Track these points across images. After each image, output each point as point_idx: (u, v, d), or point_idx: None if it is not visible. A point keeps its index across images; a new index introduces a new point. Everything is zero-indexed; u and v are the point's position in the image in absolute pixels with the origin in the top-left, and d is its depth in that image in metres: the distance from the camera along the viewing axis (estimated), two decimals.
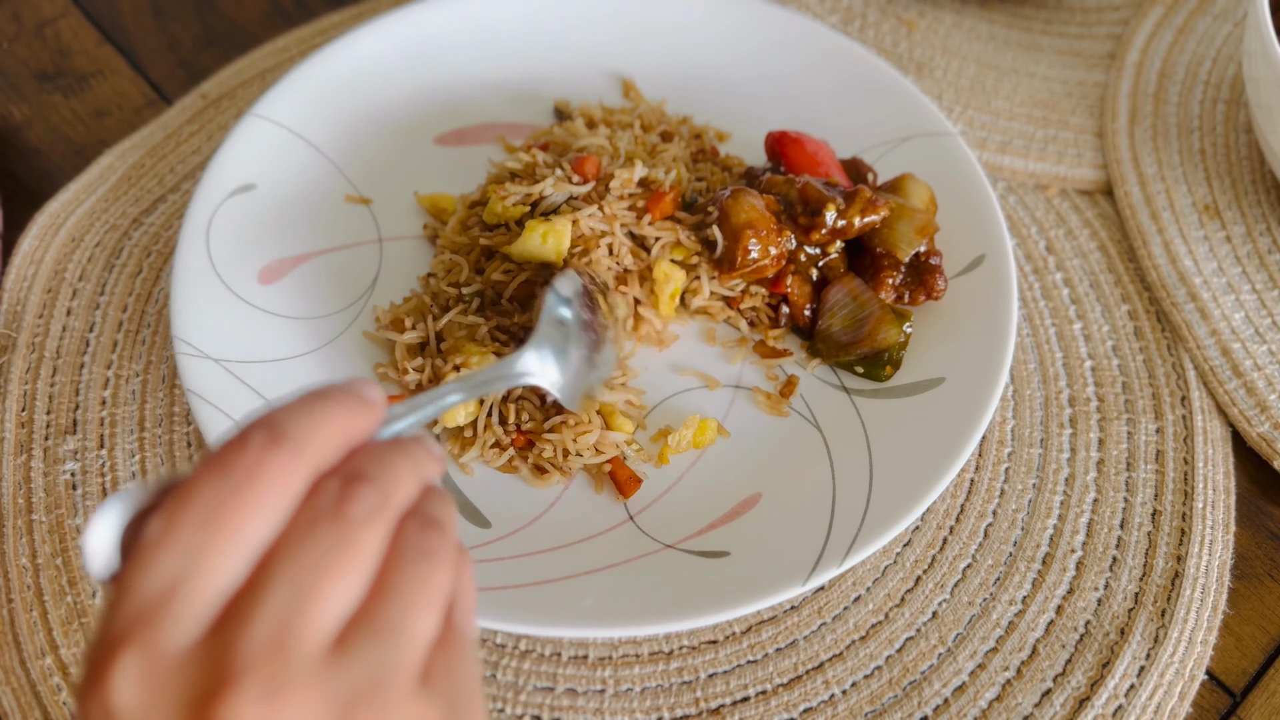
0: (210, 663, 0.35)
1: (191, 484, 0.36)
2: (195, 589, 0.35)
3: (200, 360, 0.68)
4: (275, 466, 0.37)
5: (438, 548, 0.39)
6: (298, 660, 0.35)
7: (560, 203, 0.72)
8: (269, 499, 0.36)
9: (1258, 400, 0.73)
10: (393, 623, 0.37)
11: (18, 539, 0.67)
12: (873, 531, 0.63)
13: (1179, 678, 0.64)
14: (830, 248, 0.72)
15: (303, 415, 0.38)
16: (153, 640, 0.35)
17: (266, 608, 0.35)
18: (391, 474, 0.39)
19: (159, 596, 0.35)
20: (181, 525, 0.36)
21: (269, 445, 0.37)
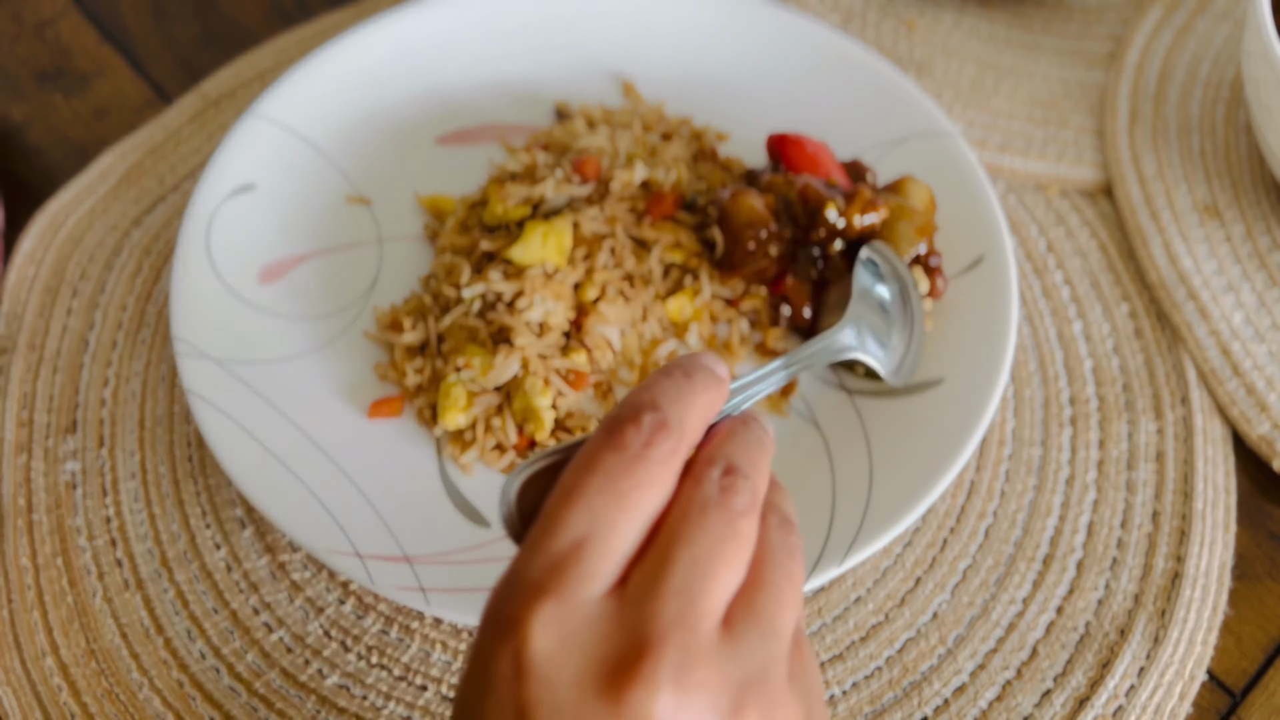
0: (624, 625, 0.37)
1: (590, 453, 0.39)
2: (602, 548, 0.38)
3: (200, 360, 0.68)
4: (664, 447, 0.40)
5: (796, 547, 0.42)
6: (702, 637, 0.37)
7: (561, 204, 0.72)
8: (659, 475, 0.39)
9: (1257, 400, 0.73)
10: (771, 615, 0.39)
11: (18, 539, 0.67)
12: (873, 532, 0.63)
13: (1179, 678, 0.64)
14: (830, 248, 0.72)
15: (680, 397, 0.41)
16: (567, 592, 0.37)
17: (672, 581, 0.38)
18: (756, 466, 0.42)
19: (570, 550, 0.38)
20: (585, 489, 0.39)
21: (659, 428, 0.40)
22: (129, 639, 0.64)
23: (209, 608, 0.66)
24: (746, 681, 0.38)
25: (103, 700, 0.62)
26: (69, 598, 0.66)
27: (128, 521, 0.68)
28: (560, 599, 0.37)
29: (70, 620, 0.65)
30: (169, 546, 0.67)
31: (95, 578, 0.66)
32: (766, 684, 0.38)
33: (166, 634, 0.65)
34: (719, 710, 0.37)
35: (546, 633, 0.37)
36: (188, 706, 0.63)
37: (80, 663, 0.64)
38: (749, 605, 0.39)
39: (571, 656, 0.37)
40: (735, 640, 0.38)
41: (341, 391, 0.70)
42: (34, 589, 0.66)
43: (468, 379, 0.68)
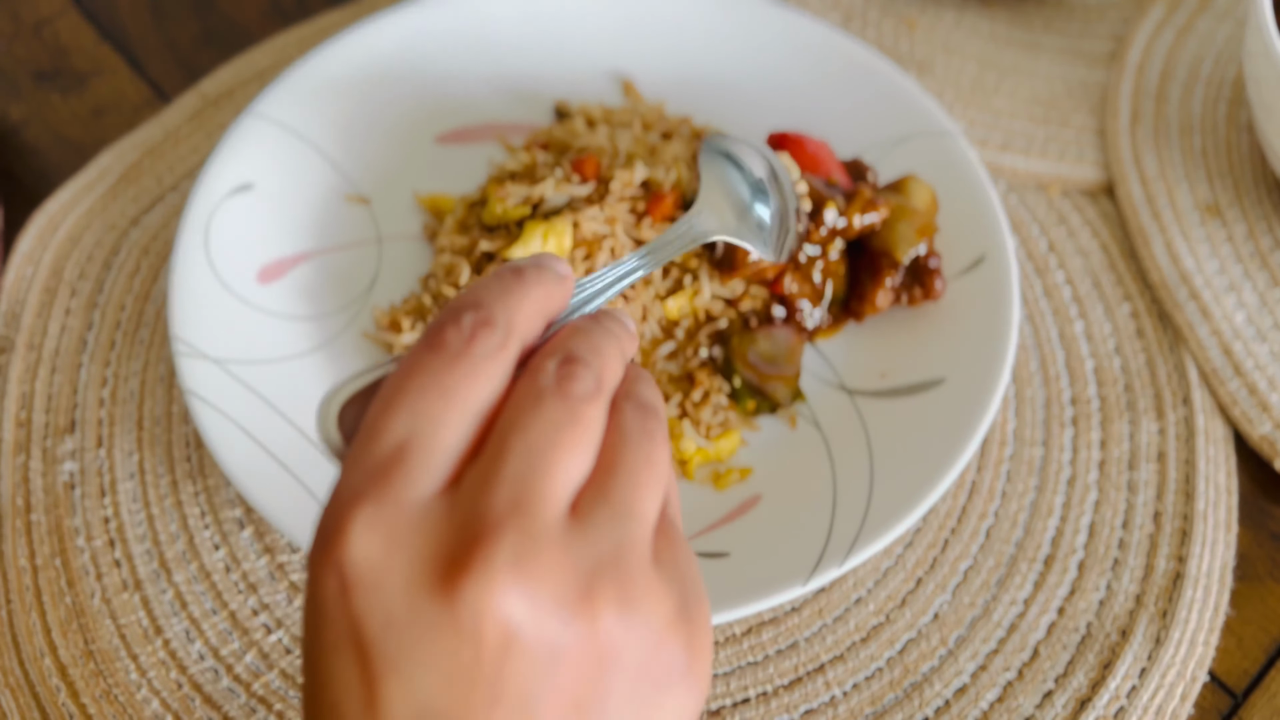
0: (454, 520, 0.34)
1: (411, 359, 0.37)
2: (427, 446, 0.35)
3: (198, 360, 0.68)
4: (488, 342, 0.37)
5: (656, 430, 0.39)
6: (542, 524, 0.34)
7: (561, 204, 0.72)
8: (485, 369, 0.37)
9: (1259, 400, 0.73)
10: (625, 498, 0.37)
11: (16, 540, 0.67)
12: (874, 532, 0.63)
13: (1180, 679, 0.64)
14: (830, 248, 0.72)
15: (505, 294, 0.38)
16: (390, 494, 0.34)
17: (506, 470, 0.35)
18: (601, 354, 0.39)
19: (392, 453, 0.35)
20: (407, 392, 0.36)
21: (480, 325, 0.37)
22: (127, 640, 0.64)
23: (208, 608, 0.65)
24: (598, 564, 0.35)
25: (101, 701, 0.62)
26: (67, 598, 0.65)
27: (126, 522, 0.68)
28: (381, 501, 0.34)
29: (68, 621, 0.65)
30: (167, 547, 0.67)
31: (93, 578, 0.66)
32: (624, 565, 0.35)
33: (165, 635, 0.65)
34: (566, 596, 0.34)
35: (368, 539, 0.34)
36: (186, 707, 0.62)
37: (78, 663, 0.63)
38: (599, 489, 0.37)
39: (397, 560, 0.34)
40: (583, 524, 0.36)
41: None
42: (32, 589, 0.66)
43: None
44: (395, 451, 0.35)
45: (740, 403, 0.69)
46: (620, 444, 0.38)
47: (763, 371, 0.70)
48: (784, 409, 0.70)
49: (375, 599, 0.34)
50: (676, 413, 0.69)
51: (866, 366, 0.72)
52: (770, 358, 0.70)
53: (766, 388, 0.69)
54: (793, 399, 0.70)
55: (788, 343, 0.71)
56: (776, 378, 0.70)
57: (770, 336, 0.71)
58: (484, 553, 0.33)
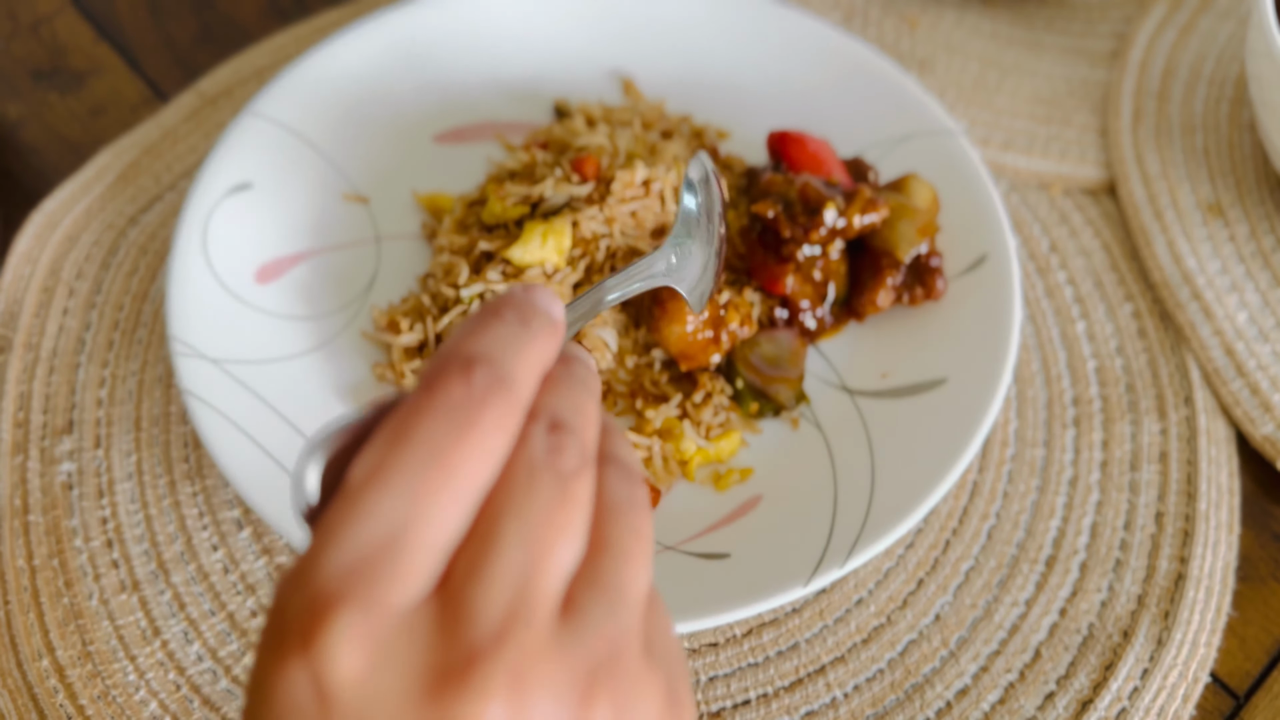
0: (446, 629, 0.31)
1: (407, 417, 0.32)
2: (423, 541, 0.31)
3: (196, 360, 0.67)
4: (499, 408, 0.33)
5: (640, 495, 0.37)
6: (536, 629, 0.32)
7: (561, 204, 0.72)
8: (493, 442, 0.33)
9: (1261, 401, 0.72)
10: (616, 581, 0.34)
11: (14, 540, 0.67)
12: (875, 533, 0.63)
13: (1182, 680, 0.64)
14: (830, 248, 0.71)
15: (515, 348, 0.34)
16: (375, 600, 0.30)
17: (501, 568, 0.32)
18: (583, 414, 0.36)
19: (379, 547, 0.31)
20: (400, 464, 0.31)
21: (493, 384, 0.33)
22: (125, 641, 0.64)
23: (206, 609, 0.65)
24: (595, 666, 0.32)
25: (99, 702, 0.62)
26: (65, 599, 0.65)
27: (124, 523, 0.68)
28: (368, 607, 0.30)
29: (66, 622, 0.64)
30: (165, 548, 0.67)
31: (92, 579, 0.66)
32: (618, 664, 0.33)
33: (163, 636, 0.64)
34: (566, 707, 0.31)
35: (352, 649, 0.30)
36: (184, 709, 0.62)
37: (76, 664, 0.63)
38: (593, 575, 0.34)
39: (385, 677, 0.30)
40: (579, 620, 0.33)
41: (340, 391, 0.70)
42: (30, 590, 0.65)
43: None
44: (386, 542, 0.31)
45: (743, 405, 0.69)
46: (609, 518, 0.35)
47: (765, 374, 0.69)
48: (788, 411, 0.70)
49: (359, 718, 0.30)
50: (677, 413, 0.69)
51: (868, 366, 0.72)
52: (773, 360, 0.70)
53: (769, 390, 0.69)
54: (797, 401, 0.70)
55: (790, 345, 0.71)
56: (780, 380, 0.70)
57: (773, 339, 0.71)
58: (480, 671, 0.30)
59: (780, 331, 0.71)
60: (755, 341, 0.71)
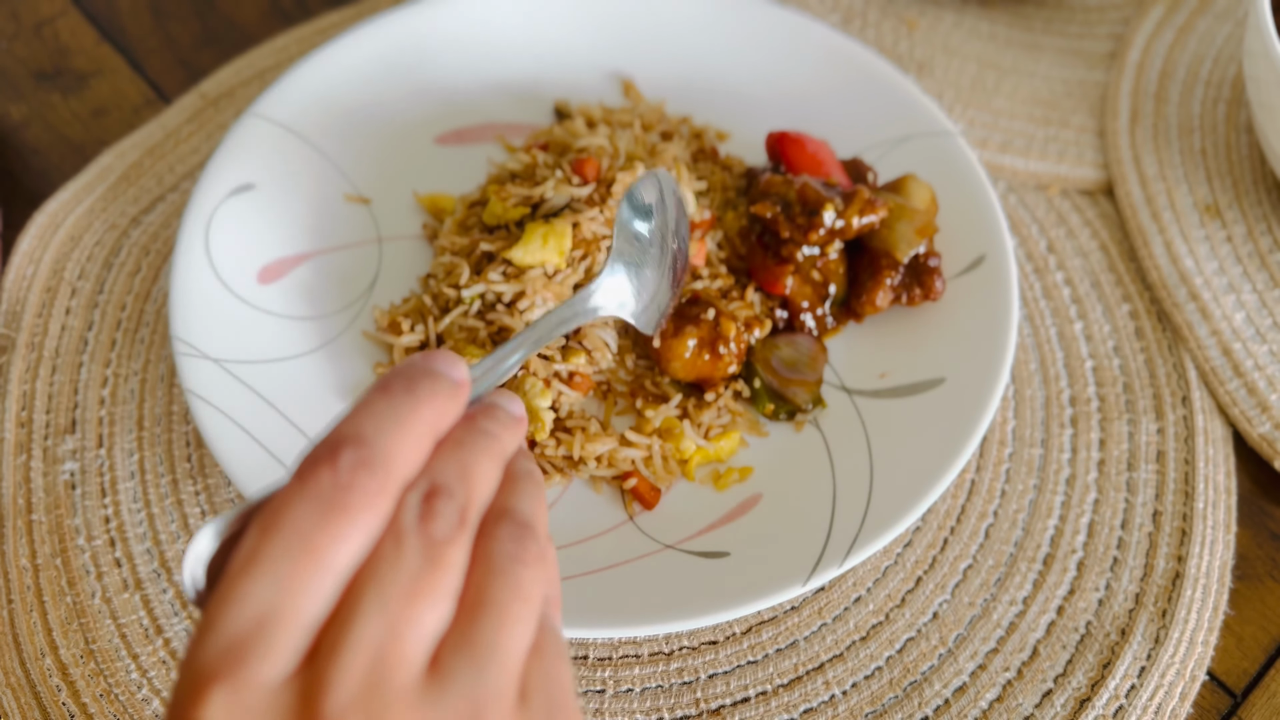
0: (307, 702, 0.33)
1: (277, 508, 0.34)
2: (286, 621, 0.33)
3: (199, 360, 0.68)
4: (366, 489, 0.34)
5: (528, 552, 0.37)
6: (394, 695, 0.33)
7: (562, 205, 0.72)
8: (361, 521, 0.34)
9: (1259, 400, 0.73)
10: (488, 641, 0.35)
11: (17, 539, 0.67)
12: (873, 532, 0.63)
13: (1180, 678, 0.64)
14: (829, 248, 0.72)
15: (391, 423, 0.36)
16: (243, 678, 0.33)
17: (357, 640, 0.33)
18: (469, 477, 0.37)
19: (249, 629, 0.33)
20: (269, 552, 0.34)
21: (358, 466, 0.34)
22: (128, 639, 0.64)
23: None
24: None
25: (101, 700, 0.62)
26: (68, 598, 0.65)
27: (126, 522, 0.68)
28: (234, 685, 0.32)
29: (69, 620, 0.65)
30: (168, 547, 0.67)
31: (94, 578, 0.66)
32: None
33: (165, 634, 0.65)
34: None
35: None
36: None
37: (79, 663, 0.63)
38: (460, 635, 0.35)
39: None
40: (442, 683, 0.33)
41: (341, 391, 0.70)
42: (33, 589, 0.66)
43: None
44: (253, 625, 0.33)
45: (759, 405, 0.70)
46: (486, 578, 0.36)
47: (784, 376, 0.70)
48: (803, 414, 0.70)
49: None
50: (677, 413, 0.69)
51: (866, 366, 0.72)
52: (792, 363, 0.70)
53: (787, 392, 0.69)
54: (813, 404, 0.70)
55: (810, 350, 0.71)
56: (798, 383, 0.70)
57: (793, 343, 0.71)
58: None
59: (801, 336, 0.72)
60: (775, 344, 0.71)
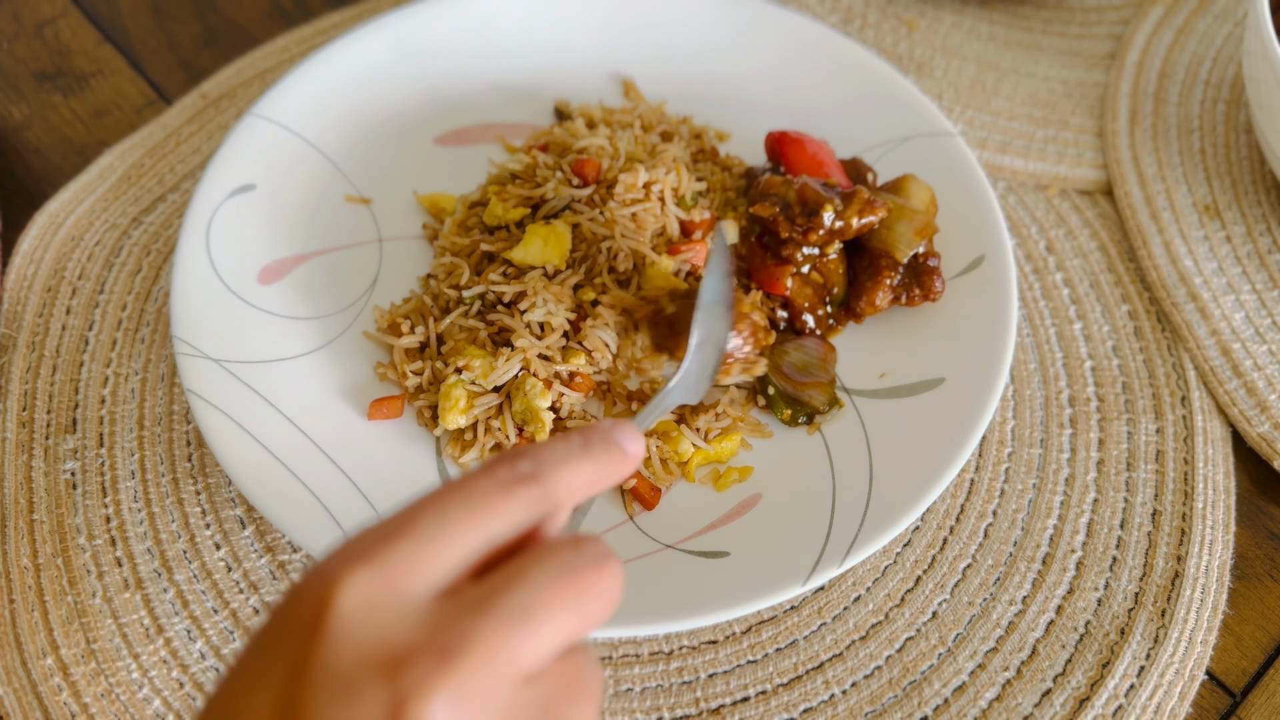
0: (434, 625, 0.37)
1: (464, 478, 0.41)
2: (436, 541, 0.38)
3: (199, 360, 0.68)
4: (524, 492, 0.41)
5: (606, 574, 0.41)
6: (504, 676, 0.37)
7: (562, 206, 0.72)
8: (511, 508, 0.40)
9: (1258, 400, 0.73)
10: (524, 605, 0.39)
11: (19, 539, 0.67)
12: (873, 532, 0.63)
13: (1179, 678, 0.64)
14: (828, 249, 0.72)
15: (563, 463, 0.43)
16: (391, 568, 0.37)
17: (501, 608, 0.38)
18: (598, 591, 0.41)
19: (406, 529, 0.39)
20: (444, 495, 0.40)
21: (526, 478, 0.41)
22: (129, 639, 0.64)
23: (209, 608, 0.66)
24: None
25: (102, 700, 0.62)
26: (69, 597, 0.66)
27: (127, 521, 0.68)
28: (380, 570, 0.37)
29: (70, 620, 0.65)
30: (168, 546, 0.67)
31: (95, 577, 0.66)
32: None
33: (166, 634, 0.65)
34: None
35: (356, 596, 0.37)
36: (187, 706, 0.62)
37: (80, 662, 0.63)
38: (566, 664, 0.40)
39: (370, 630, 0.36)
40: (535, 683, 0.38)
41: (341, 391, 0.70)
42: (34, 589, 0.66)
43: (468, 380, 0.68)
44: (410, 529, 0.39)
45: (776, 411, 0.70)
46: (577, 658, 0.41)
47: (797, 380, 0.70)
48: (822, 415, 0.70)
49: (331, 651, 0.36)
50: (673, 416, 0.69)
51: (866, 367, 0.72)
52: (803, 367, 0.71)
53: (803, 395, 0.70)
54: (830, 405, 0.70)
55: (819, 352, 0.71)
56: (813, 385, 0.70)
57: (801, 347, 0.71)
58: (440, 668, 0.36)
59: (808, 339, 0.72)
60: (784, 350, 0.71)
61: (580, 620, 0.40)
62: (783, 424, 0.70)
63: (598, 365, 0.70)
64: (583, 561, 0.40)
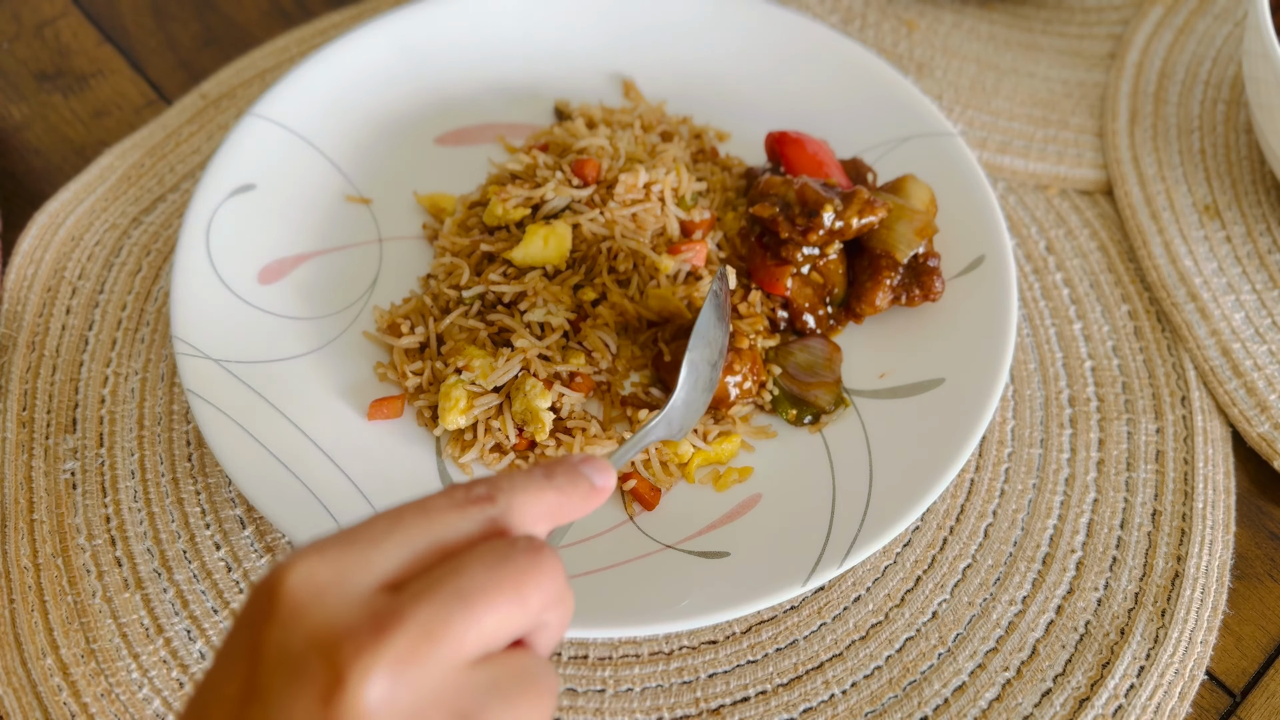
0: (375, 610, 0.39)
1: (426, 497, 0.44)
2: (385, 539, 0.41)
3: (199, 360, 0.68)
4: (477, 511, 0.43)
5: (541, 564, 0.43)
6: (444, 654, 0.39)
7: (562, 207, 0.72)
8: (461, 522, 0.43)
9: (1258, 400, 0.73)
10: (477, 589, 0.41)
11: (19, 539, 0.67)
12: (872, 532, 0.63)
13: (1179, 678, 0.64)
14: (828, 249, 0.72)
15: (521, 490, 0.45)
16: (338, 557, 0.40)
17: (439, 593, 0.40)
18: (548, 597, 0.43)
19: (359, 530, 0.42)
20: (403, 509, 0.43)
21: (481, 500, 0.44)
22: (128, 639, 0.64)
23: (209, 607, 0.66)
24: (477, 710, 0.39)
25: (102, 700, 0.62)
26: (69, 597, 0.66)
27: (127, 520, 0.68)
28: (328, 561, 0.40)
29: (70, 620, 0.65)
30: (168, 546, 0.67)
31: (95, 577, 0.66)
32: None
33: (166, 634, 0.65)
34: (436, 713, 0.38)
35: (305, 585, 0.39)
36: None
37: (80, 662, 0.63)
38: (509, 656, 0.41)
39: (316, 613, 0.39)
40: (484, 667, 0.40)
41: (341, 391, 0.70)
42: (34, 589, 0.66)
43: (468, 380, 0.68)
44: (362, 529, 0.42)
45: (781, 411, 0.70)
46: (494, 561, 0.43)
47: (803, 381, 0.70)
48: (828, 415, 0.70)
49: (282, 633, 0.39)
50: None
51: (866, 367, 0.72)
52: (809, 367, 0.71)
53: (808, 396, 0.70)
54: (836, 404, 0.70)
55: (824, 352, 0.71)
56: (818, 385, 0.70)
57: (806, 348, 0.71)
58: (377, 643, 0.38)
59: (813, 339, 0.72)
60: (789, 351, 0.71)
61: (522, 610, 0.41)
62: (788, 424, 0.70)
63: (598, 365, 0.70)
64: (516, 551, 0.42)
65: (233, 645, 0.41)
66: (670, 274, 0.71)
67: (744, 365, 0.69)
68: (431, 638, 0.39)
